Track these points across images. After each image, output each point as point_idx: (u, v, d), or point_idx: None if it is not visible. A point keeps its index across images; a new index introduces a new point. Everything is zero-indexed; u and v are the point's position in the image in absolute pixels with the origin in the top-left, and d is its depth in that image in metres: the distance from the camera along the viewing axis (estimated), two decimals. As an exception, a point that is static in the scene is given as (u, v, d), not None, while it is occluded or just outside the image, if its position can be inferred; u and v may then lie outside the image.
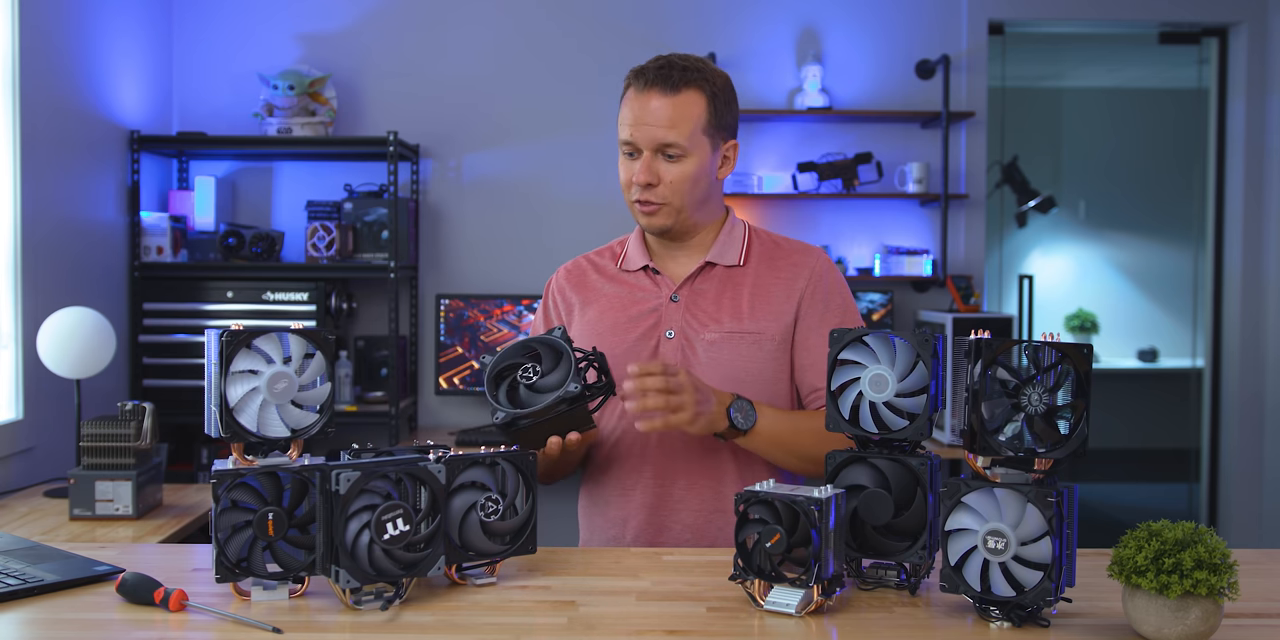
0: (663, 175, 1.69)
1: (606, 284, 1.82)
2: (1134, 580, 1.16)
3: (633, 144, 1.69)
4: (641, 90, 1.68)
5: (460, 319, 3.80)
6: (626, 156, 1.72)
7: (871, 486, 1.37)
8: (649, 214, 1.72)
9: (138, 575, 1.32)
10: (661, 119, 1.66)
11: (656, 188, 1.69)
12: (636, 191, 1.71)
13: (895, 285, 4.05)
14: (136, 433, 2.29)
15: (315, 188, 3.92)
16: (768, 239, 1.83)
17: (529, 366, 1.54)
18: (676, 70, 1.68)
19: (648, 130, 1.67)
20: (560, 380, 1.52)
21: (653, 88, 1.67)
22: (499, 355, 1.57)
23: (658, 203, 1.70)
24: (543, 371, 1.53)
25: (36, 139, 2.89)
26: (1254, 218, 4.21)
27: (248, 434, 1.32)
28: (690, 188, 1.70)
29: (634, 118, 1.68)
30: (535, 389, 1.53)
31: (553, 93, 3.98)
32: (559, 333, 1.55)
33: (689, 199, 1.71)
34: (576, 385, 1.50)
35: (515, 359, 1.56)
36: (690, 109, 1.67)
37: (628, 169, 1.72)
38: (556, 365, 1.53)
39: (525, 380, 1.53)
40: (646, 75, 1.68)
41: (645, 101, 1.67)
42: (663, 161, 1.69)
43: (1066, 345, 1.23)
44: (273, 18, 3.91)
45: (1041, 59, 5.51)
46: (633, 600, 1.34)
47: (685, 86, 1.67)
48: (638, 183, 1.69)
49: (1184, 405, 4.76)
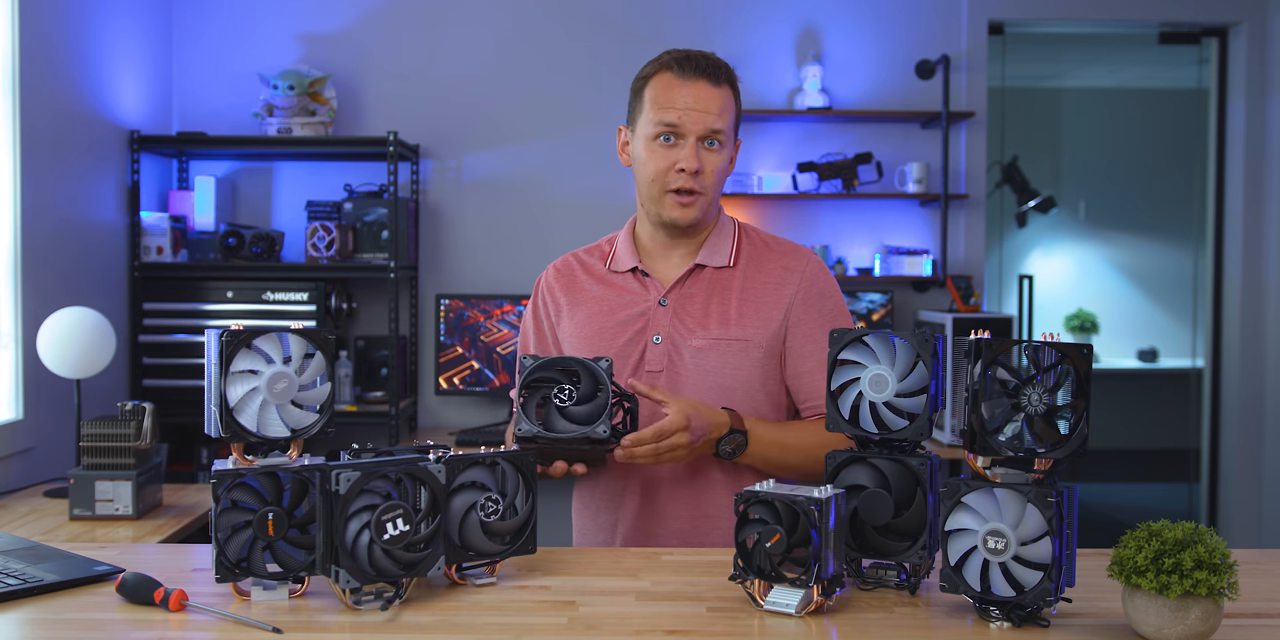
0: (705, 164, 1.68)
1: (595, 285, 1.81)
2: (1134, 580, 1.16)
3: (678, 128, 1.66)
4: (686, 77, 1.67)
5: (460, 319, 3.80)
6: (661, 143, 1.68)
7: (871, 486, 1.37)
8: (686, 205, 1.69)
9: (138, 575, 1.32)
10: (713, 106, 1.66)
11: (700, 176, 1.67)
12: (679, 179, 1.67)
13: (895, 285, 4.05)
14: (136, 433, 2.29)
15: (315, 188, 3.92)
16: (758, 239, 1.81)
17: (567, 388, 1.54)
18: (719, 66, 1.70)
19: (699, 116, 1.66)
20: (591, 415, 1.53)
21: (701, 76, 1.67)
22: (540, 363, 1.56)
23: (698, 191, 1.68)
24: (577, 399, 1.53)
25: (36, 139, 2.89)
26: (1254, 218, 4.21)
27: (248, 434, 1.32)
28: (720, 181, 1.71)
29: (683, 102, 1.66)
30: (565, 414, 1.54)
31: (553, 93, 3.98)
32: (606, 364, 1.55)
33: (718, 192, 1.73)
34: (605, 430, 1.52)
35: (554, 373, 1.56)
36: (729, 102, 1.70)
37: (665, 156, 1.68)
38: (592, 397, 1.54)
39: (559, 400, 1.54)
40: (693, 62, 1.68)
41: (694, 88, 1.66)
42: (704, 150, 1.68)
43: (1066, 345, 1.23)
44: (273, 18, 3.91)
45: (1041, 59, 5.51)
46: (633, 600, 1.34)
47: (724, 82, 1.70)
48: (688, 168, 1.66)
49: (1184, 405, 4.76)
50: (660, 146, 1.68)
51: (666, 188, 1.69)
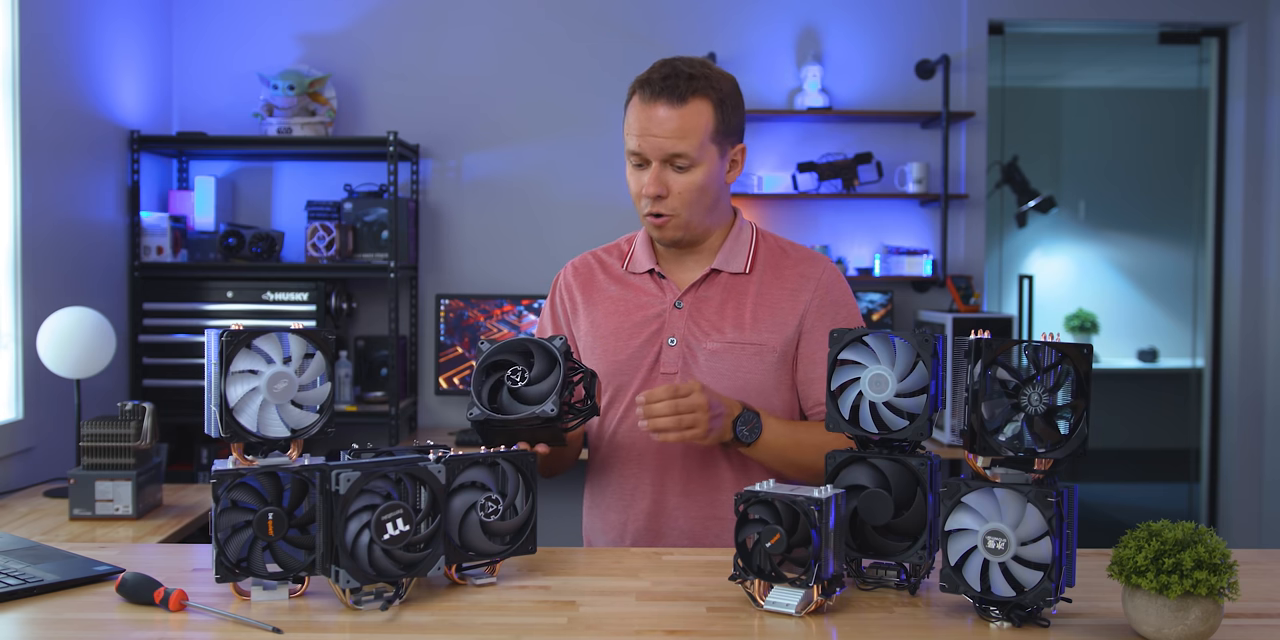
0: (671, 186, 1.67)
1: (612, 285, 1.81)
2: (1134, 580, 1.16)
3: (640, 155, 1.67)
4: (647, 100, 1.65)
5: (460, 319, 3.80)
6: (635, 167, 1.71)
7: (871, 486, 1.37)
8: (659, 227, 1.71)
9: (138, 575, 1.32)
10: (669, 130, 1.64)
11: (666, 199, 1.68)
12: (647, 204, 1.70)
13: (895, 285, 4.05)
14: (136, 433, 2.29)
15: (315, 188, 3.92)
16: (775, 245, 1.81)
17: (520, 369, 1.53)
18: (683, 79, 1.65)
19: (655, 142, 1.65)
20: (543, 393, 1.50)
21: (659, 98, 1.64)
22: (495, 347, 1.55)
23: (668, 214, 1.69)
24: (531, 378, 1.51)
25: (36, 139, 2.89)
26: (1254, 218, 4.21)
27: (248, 434, 1.32)
28: (698, 197, 1.69)
29: (640, 128, 1.66)
30: (517, 395, 1.51)
31: (552, 93, 3.98)
32: (560, 343, 1.53)
33: (697, 208, 1.70)
34: (554, 408, 1.48)
35: (509, 356, 1.54)
36: (698, 119, 1.65)
37: (637, 180, 1.71)
38: (546, 375, 1.51)
39: (511, 382, 1.52)
40: (652, 86, 1.65)
41: (652, 112, 1.65)
42: (671, 172, 1.67)
43: (1066, 345, 1.23)
44: (273, 18, 3.91)
45: (1041, 59, 5.51)
46: (633, 600, 1.34)
47: (692, 96, 1.64)
48: (647, 195, 1.68)
49: (1184, 405, 4.76)
50: (634, 171, 1.71)
51: (642, 212, 1.72)
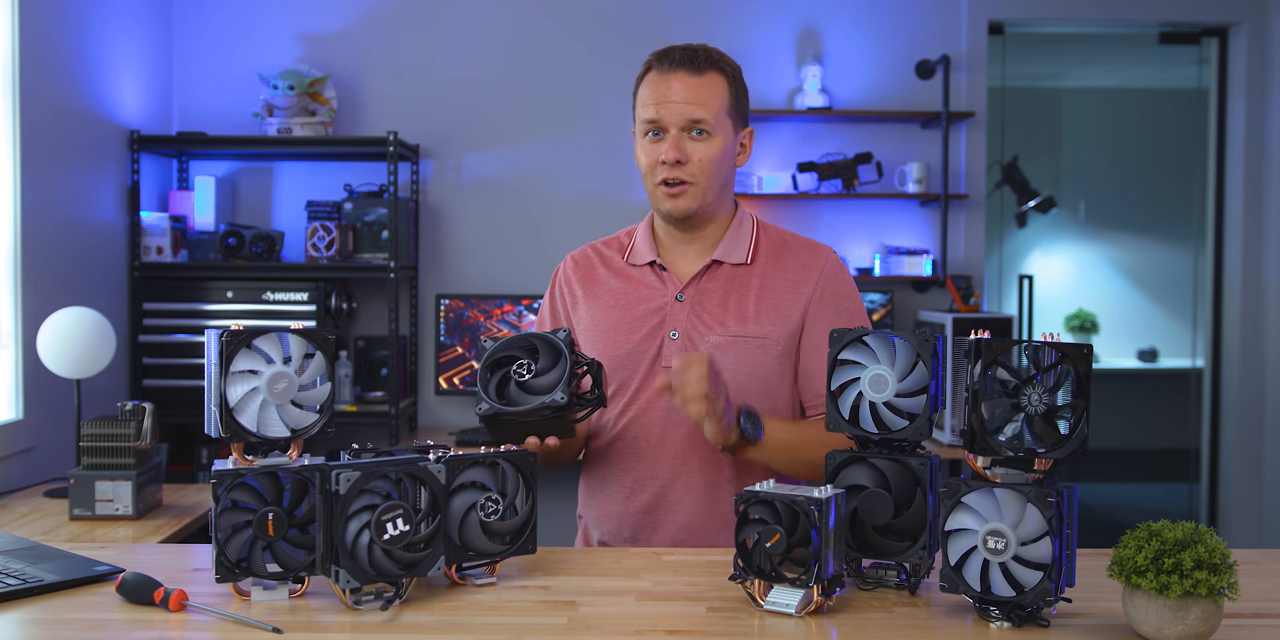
0: (690, 153, 1.68)
1: (612, 278, 1.81)
2: (1134, 580, 1.16)
3: (659, 122, 1.68)
4: (666, 71, 1.69)
5: (460, 319, 3.80)
6: (649, 139, 1.71)
7: (871, 486, 1.37)
8: (675, 196, 1.70)
9: (138, 575, 1.32)
10: (689, 97, 1.67)
11: (686, 165, 1.68)
12: (664, 171, 1.69)
13: (895, 285, 4.05)
14: (136, 433, 2.29)
15: (315, 188, 3.92)
16: (776, 236, 1.82)
17: (525, 363, 1.53)
18: (700, 53, 1.70)
19: (675, 107, 1.67)
20: (551, 384, 1.50)
21: (678, 68, 1.68)
22: (500, 343, 1.55)
23: (687, 181, 1.69)
24: (537, 371, 1.52)
25: (36, 139, 2.88)
26: (1254, 218, 4.21)
27: (248, 434, 1.32)
28: (716, 169, 1.70)
29: (660, 96, 1.68)
30: (525, 388, 1.52)
31: (552, 92, 3.98)
32: (563, 335, 1.54)
33: (714, 181, 1.71)
34: (564, 396, 1.49)
35: (514, 351, 1.54)
36: (715, 89, 1.69)
37: (651, 151, 1.70)
38: (552, 367, 1.52)
39: (518, 376, 1.52)
40: (672, 57, 1.70)
41: (670, 81, 1.68)
42: (689, 140, 1.68)
43: (1066, 345, 1.23)
44: (273, 18, 3.91)
45: (1041, 59, 5.51)
46: (633, 600, 1.34)
47: (709, 69, 1.70)
48: (666, 160, 1.68)
49: (1184, 405, 4.76)
50: (649, 143, 1.71)
51: (656, 181, 1.71)
